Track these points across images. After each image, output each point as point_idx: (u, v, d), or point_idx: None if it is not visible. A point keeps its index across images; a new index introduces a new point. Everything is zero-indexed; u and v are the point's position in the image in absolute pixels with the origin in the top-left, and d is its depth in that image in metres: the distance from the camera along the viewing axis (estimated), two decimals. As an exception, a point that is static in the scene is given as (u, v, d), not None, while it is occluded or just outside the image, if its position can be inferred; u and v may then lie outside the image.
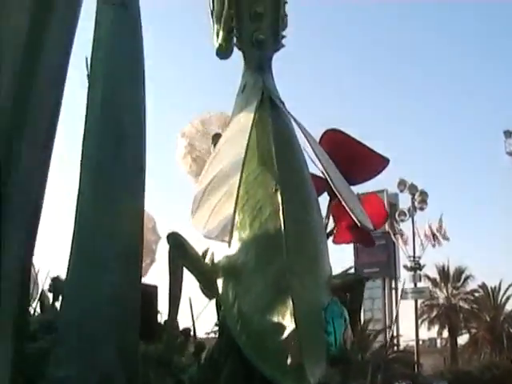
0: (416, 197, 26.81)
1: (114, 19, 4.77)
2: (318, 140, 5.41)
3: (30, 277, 4.32)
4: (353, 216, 4.77)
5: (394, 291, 33.00)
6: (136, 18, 4.89)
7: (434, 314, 37.48)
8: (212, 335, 6.09)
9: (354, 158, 5.57)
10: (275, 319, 4.07)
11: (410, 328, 28.42)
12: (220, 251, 4.60)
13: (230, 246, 4.28)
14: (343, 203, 4.82)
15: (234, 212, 4.14)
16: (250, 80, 5.17)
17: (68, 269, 4.41)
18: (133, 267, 4.62)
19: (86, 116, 4.58)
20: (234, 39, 5.21)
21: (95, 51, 4.65)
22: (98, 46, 4.65)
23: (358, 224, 4.86)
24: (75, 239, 4.43)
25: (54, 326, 4.54)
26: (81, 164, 4.54)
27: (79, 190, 4.50)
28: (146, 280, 6.20)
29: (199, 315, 6.43)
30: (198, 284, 4.90)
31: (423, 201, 26.79)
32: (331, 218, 5.75)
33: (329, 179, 4.88)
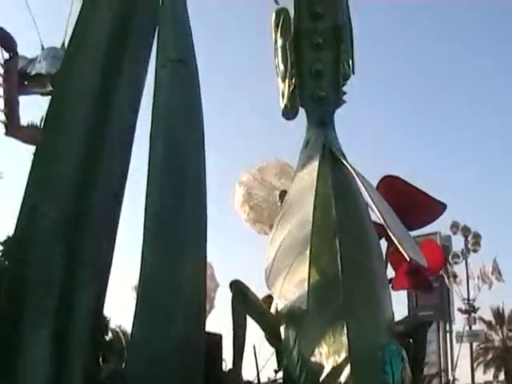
0: (469, 239, 26.48)
1: (173, 75, 4.91)
2: (375, 186, 5.49)
3: (100, 327, 4.42)
4: (404, 252, 4.78)
5: (448, 334, 32.53)
6: (194, 73, 5.04)
7: (490, 356, 36.74)
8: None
9: (411, 203, 5.62)
10: (332, 361, 4.09)
11: (465, 371, 27.92)
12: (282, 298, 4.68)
13: (308, 314, 4.32)
14: (396, 242, 4.84)
15: (309, 278, 4.20)
16: (312, 135, 5.30)
17: (134, 319, 4.49)
18: (197, 317, 4.68)
19: (149, 169, 4.70)
20: (297, 97, 5.34)
21: (155, 107, 4.77)
22: (158, 101, 4.77)
23: (408, 258, 4.85)
24: (140, 290, 4.52)
25: (122, 375, 4.62)
26: (144, 215, 4.65)
27: (143, 241, 4.59)
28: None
29: (265, 363, 6.44)
30: (262, 332, 4.95)
31: (476, 243, 26.45)
32: (389, 264, 5.79)
33: (384, 223, 4.93)
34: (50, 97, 7.94)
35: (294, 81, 5.28)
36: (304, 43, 5.24)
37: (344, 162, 5.05)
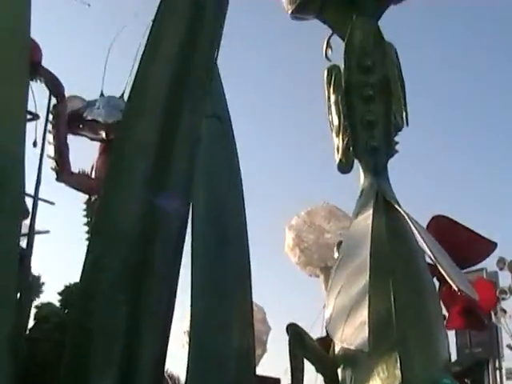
0: (516, 274, 26.17)
1: (209, 130, 5.04)
2: (425, 226, 5.54)
3: (163, 375, 4.49)
4: (454, 285, 4.81)
5: (498, 371, 31.96)
6: (228, 126, 5.19)
7: (541, 393, 36.05)
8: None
9: (461, 242, 5.66)
10: None
11: (514, 409, 27.37)
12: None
13: (369, 355, 4.37)
14: (446, 276, 4.87)
15: (369, 319, 4.26)
16: (366, 185, 5.37)
17: (187, 368, 4.57)
18: (248, 363, 4.76)
19: (192, 221, 4.82)
20: (351, 150, 5.43)
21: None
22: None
23: (458, 291, 4.89)
24: (192, 337, 4.62)
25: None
26: (191, 265, 4.77)
27: (191, 289, 4.71)
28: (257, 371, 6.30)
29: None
30: (321, 376, 5.01)
31: (524, 278, 26.12)
32: (442, 304, 5.81)
33: (435, 260, 4.98)
34: (99, 143, 8.13)
35: (347, 133, 5.37)
36: (355, 96, 5.31)
37: (397, 207, 5.12)
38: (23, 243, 5.94)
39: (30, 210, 6.16)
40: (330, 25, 5.57)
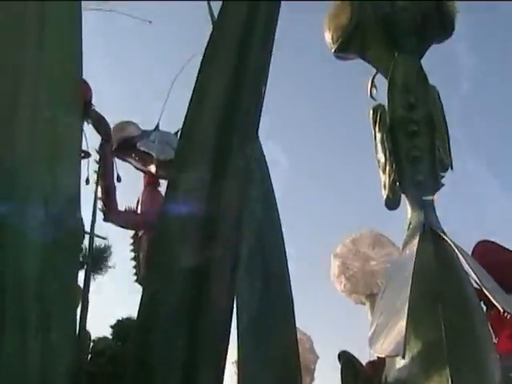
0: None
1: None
2: (471, 252, 5.62)
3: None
4: (499, 306, 4.84)
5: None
6: (264, 167, 5.33)
7: None
8: None
9: (507, 266, 5.72)
10: None
11: None
12: (389, 367, 4.81)
13: (403, 357, 4.44)
14: (491, 297, 4.91)
15: (406, 326, 4.33)
16: (413, 218, 5.45)
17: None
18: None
19: None
20: (398, 186, 5.52)
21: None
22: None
23: (502, 310, 4.93)
24: (240, 372, 4.72)
25: None
26: (236, 300, 4.89)
27: (237, 321, 4.83)
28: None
29: None
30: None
31: None
32: (491, 329, 5.84)
33: (480, 282, 5.03)
34: (145, 174, 8.24)
35: (393, 169, 5.47)
36: (400, 132, 5.41)
37: (444, 236, 5.19)
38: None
39: (87, 246, 6.31)
40: (373, 63, 5.68)
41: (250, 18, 4.80)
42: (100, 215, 7.49)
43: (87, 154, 6.76)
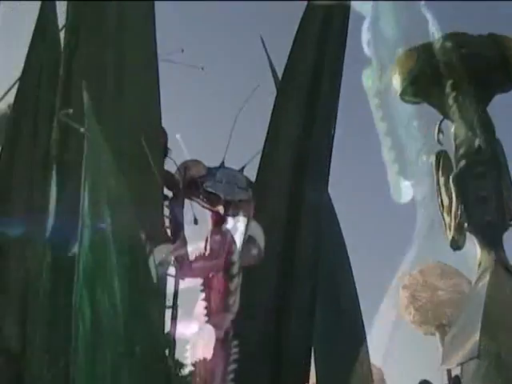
0: None
1: None
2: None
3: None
4: None
5: None
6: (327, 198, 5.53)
7: None
8: None
9: None
10: None
11: None
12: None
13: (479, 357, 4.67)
14: None
15: (480, 335, 4.50)
16: (483, 258, 5.58)
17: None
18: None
19: None
20: (463, 227, 5.66)
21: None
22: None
23: None
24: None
25: None
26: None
27: (314, 354, 5.01)
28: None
29: None
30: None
31: None
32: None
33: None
34: (212, 213, 8.34)
35: (459, 211, 5.59)
36: (467, 174, 5.55)
37: None
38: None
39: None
40: (439, 108, 5.89)
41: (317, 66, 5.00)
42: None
43: (166, 198, 6.86)
